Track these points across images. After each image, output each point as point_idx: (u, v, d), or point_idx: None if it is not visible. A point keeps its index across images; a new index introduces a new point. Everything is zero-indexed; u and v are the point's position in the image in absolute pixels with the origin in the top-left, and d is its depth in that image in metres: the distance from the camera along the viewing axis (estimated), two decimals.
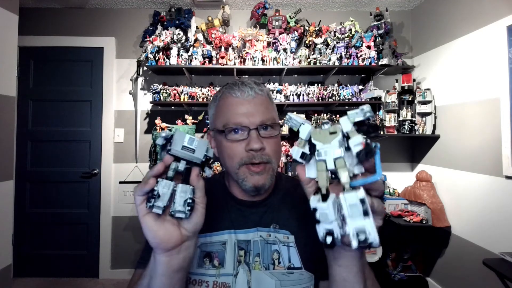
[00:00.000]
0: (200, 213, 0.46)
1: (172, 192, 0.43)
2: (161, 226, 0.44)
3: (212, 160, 0.47)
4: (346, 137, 0.38)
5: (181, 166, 0.44)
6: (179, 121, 2.41)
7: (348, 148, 0.37)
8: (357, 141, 0.36)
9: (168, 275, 0.46)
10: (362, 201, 0.34)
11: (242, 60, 2.35)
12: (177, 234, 0.45)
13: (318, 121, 2.38)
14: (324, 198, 0.38)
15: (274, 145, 0.63)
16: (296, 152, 0.42)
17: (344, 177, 0.36)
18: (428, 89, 2.31)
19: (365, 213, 0.34)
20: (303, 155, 0.42)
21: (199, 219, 0.46)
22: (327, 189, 0.38)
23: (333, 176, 0.39)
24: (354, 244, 0.34)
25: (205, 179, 0.67)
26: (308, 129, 0.41)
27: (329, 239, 0.37)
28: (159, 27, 2.44)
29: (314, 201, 0.38)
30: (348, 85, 2.43)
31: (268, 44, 2.42)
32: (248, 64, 2.33)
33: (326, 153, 0.38)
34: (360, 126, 0.38)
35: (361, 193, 0.35)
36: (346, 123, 0.38)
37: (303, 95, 2.36)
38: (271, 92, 0.69)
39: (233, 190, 0.70)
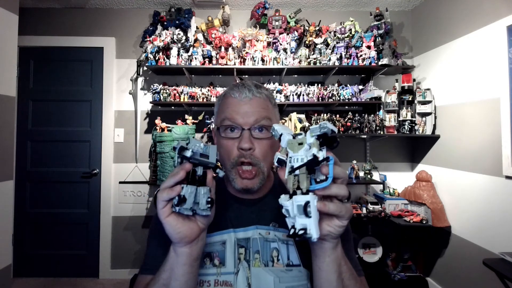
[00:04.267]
0: (214, 208, 0.53)
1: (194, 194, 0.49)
2: (183, 223, 0.50)
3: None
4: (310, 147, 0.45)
5: (200, 171, 0.50)
6: (179, 121, 2.41)
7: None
8: (310, 152, 0.44)
9: (190, 264, 0.52)
10: (306, 203, 0.42)
11: (242, 60, 2.35)
12: (196, 228, 0.51)
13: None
14: (291, 197, 0.44)
15: (265, 147, 0.65)
16: (275, 157, 0.50)
17: (302, 182, 0.44)
18: (428, 89, 2.31)
19: (306, 214, 0.42)
20: (279, 161, 0.49)
21: (213, 213, 0.54)
22: (294, 190, 0.44)
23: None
24: (301, 236, 0.42)
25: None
26: (286, 139, 0.48)
27: (291, 231, 0.43)
28: (159, 27, 2.44)
29: (283, 199, 0.46)
30: (348, 85, 2.43)
31: (268, 44, 2.42)
32: (248, 64, 2.33)
33: (294, 159, 0.45)
34: (323, 139, 0.44)
35: (306, 197, 0.42)
36: (308, 136, 0.45)
37: (303, 95, 2.36)
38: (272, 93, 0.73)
39: (230, 188, 0.72)
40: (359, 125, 2.34)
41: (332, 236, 0.47)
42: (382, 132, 2.34)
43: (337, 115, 2.38)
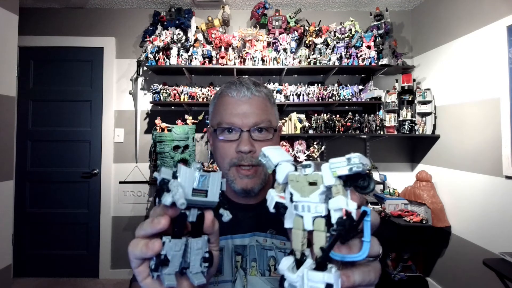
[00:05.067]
0: (216, 259, 0.36)
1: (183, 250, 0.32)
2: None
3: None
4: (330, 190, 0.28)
5: (193, 216, 0.32)
6: (179, 121, 2.41)
7: None
8: (337, 205, 0.27)
9: None
10: (328, 287, 0.26)
11: (242, 60, 2.35)
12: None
13: (322, 125, 2.31)
14: (298, 264, 0.29)
15: None
16: (270, 200, 0.33)
17: (318, 243, 0.27)
18: (428, 89, 2.31)
19: None
20: (277, 207, 0.32)
21: (215, 266, 0.36)
22: (302, 253, 0.29)
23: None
24: None
25: None
26: (286, 171, 0.32)
27: None
28: (159, 27, 2.44)
29: (284, 266, 0.30)
30: (348, 85, 2.43)
31: (268, 44, 2.42)
32: (248, 64, 2.33)
33: (304, 208, 0.29)
34: (349, 178, 0.28)
35: (327, 277, 0.26)
36: (327, 174, 0.28)
37: (303, 95, 2.36)
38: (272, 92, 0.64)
39: (227, 193, 0.68)
40: (359, 125, 2.34)
41: None
42: (382, 132, 2.34)
43: (337, 115, 2.38)
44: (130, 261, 0.33)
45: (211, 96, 2.36)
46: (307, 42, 2.43)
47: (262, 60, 2.33)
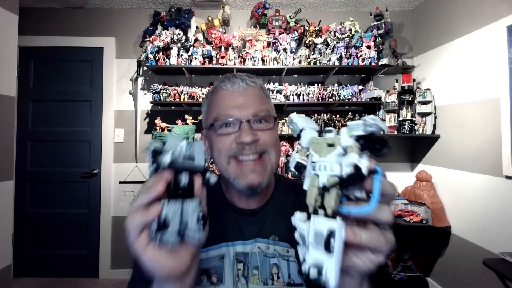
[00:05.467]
0: (207, 224, 0.38)
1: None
2: (169, 255, 0.34)
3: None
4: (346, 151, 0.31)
5: (185, 179, 0.35)
6: (179, 121, 2.41)
7: None
8: (349, 161, 0.29)
9: None
10: (330, 234, 0.28)
11: (242, 60, 2.35)
12: (187, 256, 0.36)
13: (322, 125, 2.33)
14: (309, 218, 0.32)
15: (270, 136, 0.58)
16: (292, 160, 0.37)
17: (329, 199, 0.30)
18: (428, 89, 2.31)
19: (326, 247, 0.28)
20: (297, 166, 0.36)
21: (206, 231, 0.38)
22: (315, 208, 0.31)
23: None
24: (311, 276, 0.29)
25: None
26: (309, 136, 0.35)
27: (313, 272, 0.29)
28: (159, 27, 2.44)
29: (297, 218, 0.33)
30: (348, 85, 2.43)
31: (268, 44, 2.42)
32: (248, 64, 2.33)
33: (321, 167, 0.31)
34: (365, 141, 0.30)
35: (330, 223, 0.29)
36: (344, 135, 0.31)
37: (303, 95, 2.36)
38: (266, 87, 0.63)
39: (229, 196, 0.65)
40: None
41: (358, 269, 0.33)
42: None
43: (337, 115, 2.38)
44: (129, 233, 0.33)
45: None
46: (307, 42, 2.43)
47: (262, 60, 2.33)
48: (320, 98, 2.35)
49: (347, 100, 2.34)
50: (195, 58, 2.33)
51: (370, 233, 0.30)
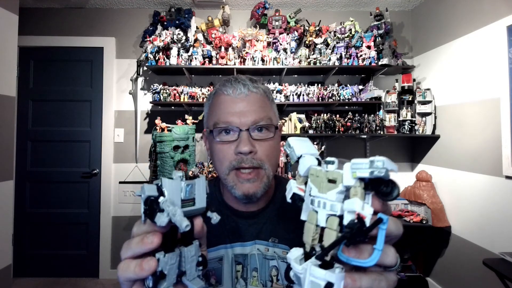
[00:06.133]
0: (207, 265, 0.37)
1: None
2: None
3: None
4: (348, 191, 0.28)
5: (184, 225, 0.29)
6: (179, 121, 2.40)
7: None
8: (351, 207, 0.26)
9: None
10: (328, 285, 0.26)
11: (242, 60, 2.35)
12: None
13: (322, 125, 2.31)
14: (306, 257, 0.29)
15: (268, 149, 0.58)
16: (288, 190, 0.33)
17: (328, 241, 0.27)
18: (428, 89, 2.31)
19: None
20: (294, 197, 0.33)
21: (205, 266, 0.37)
22: (312, 247, 0.29)
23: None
24: None
25: None
26: (308, 165, 0.32)
27: None
28: (159, 27, 2.44)
29: (293, 256, 0.30)
30: (348, 85, 2.43)
31: (268, 44, 2.42)
32: (248, 64, 2.33)
33: (320, 204, 0.29)
34: (371, 181, 0.26)
35: (329, 275, 0.26)
36: (347, 174, 0.27)
37: (303, 95, 2.36)
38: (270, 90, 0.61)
39: (227, 199, 0.65)
40: (359, 125, 2.34)
41: None
42: (382, 132, 2.34)
43: (337, 115, 2.38)
44: (121, 284, 0.31)
45: None
46: (307, 42, 2.43)
47: (262, 60, 2.33)
48: (320, 98, 2.36)
49: (347, 100, 2.34)
50: (195, 58, 2.33)
51: (372, 278, 0.28)
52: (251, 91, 0.59)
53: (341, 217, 0.27)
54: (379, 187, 0.26)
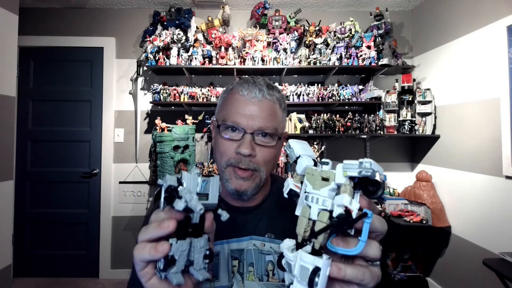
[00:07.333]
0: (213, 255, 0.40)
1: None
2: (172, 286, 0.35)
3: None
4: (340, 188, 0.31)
5: (196, 217, 0.35)
6: (179, 121, 2.41)
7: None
8: (341, 202, 0.29)
9: None
10: (315, 269, 0.29)
11: (242, 60, 2.36)
12: (190, 284, 0.37)
13: (322, 125, 2.32)
14: (298, 247, 0.33)
15: (268, 155, 0.60)
16: (286, 186, 0.38)
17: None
18: (428, 89, 2.31)
19: (310, 284, 0.29)
20: (290, 193, 0.37)
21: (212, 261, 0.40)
22: (304, 239, 0.32)
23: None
24: None
25: None
26: (305, 164, 0.36)
27: None
28: (159, 27, 2.44)
29: (286, 246, 0.34)
30: (348, 85, 2.43)
31: (268, 44, 2.42)
32: (248, 64, 2.33)
33: (314, 199, 0.32)
34: (359, 181, 0.30)
35: (316, 261, 0.29)
36: (339, 173, 0.31)
37: (303, 95, 2.36)
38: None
39: (224, 195, 0.66)
40: (359, 125, 2.34)
41: None
42: (382, 132, 2.34)
43: (337, 115, 2.38)
44: (135, 263, 0.34)
45: (211, 96, 2.36)
46: (307, 42, 2.43)
47: (262, 60, 2.33)
48: (320, 98, 2.36)
49: (347, 100, 2.34)
50: (195, 58, 2.33)
51: (356, 269, 0.31)
52: (264, 97, 0.60)
53: (331, 212, 0.31)
54: (366, 187, 0.30)
